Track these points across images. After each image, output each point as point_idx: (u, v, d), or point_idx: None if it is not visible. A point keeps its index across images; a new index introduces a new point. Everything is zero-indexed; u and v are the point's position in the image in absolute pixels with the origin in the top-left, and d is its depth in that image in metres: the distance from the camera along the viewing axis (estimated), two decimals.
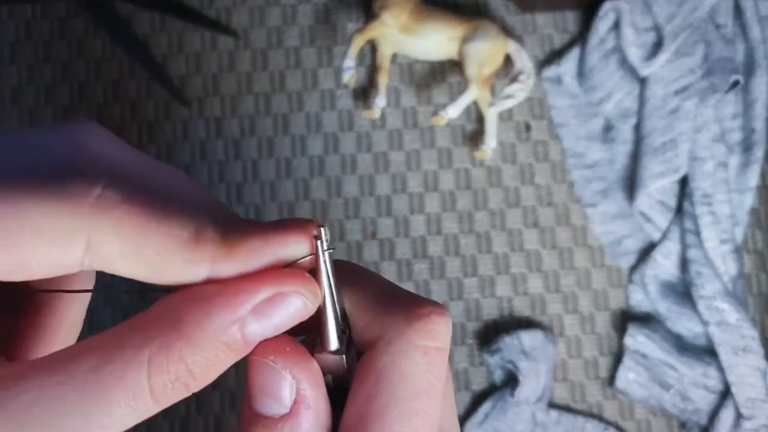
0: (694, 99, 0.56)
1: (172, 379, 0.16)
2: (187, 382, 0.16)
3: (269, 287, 0.17)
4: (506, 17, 0.59)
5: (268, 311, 0.17)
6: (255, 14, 0.59)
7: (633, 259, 0.58)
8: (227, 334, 0.16)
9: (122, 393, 0.15)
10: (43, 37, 0.58)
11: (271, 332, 0.17)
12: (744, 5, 0.58)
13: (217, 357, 0.16)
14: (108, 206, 0.16)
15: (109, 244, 0.16)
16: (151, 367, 0.16)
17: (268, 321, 0.17)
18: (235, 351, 0.17)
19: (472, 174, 0.58)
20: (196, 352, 0.16)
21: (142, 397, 0.16)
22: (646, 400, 0.55)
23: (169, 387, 0.16)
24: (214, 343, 0.16)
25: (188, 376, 0.16)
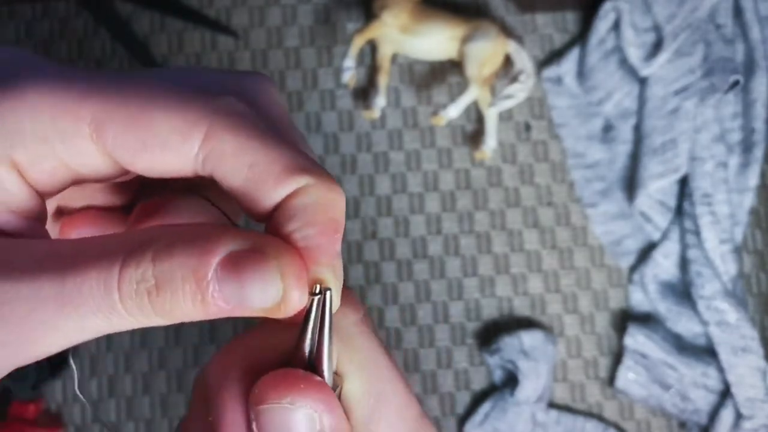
0: (694, 99, 0.56)
1: (138, 279, 0.16)
2: (150, 291, 0.16)
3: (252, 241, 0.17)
4: (506, 17, 0.59)
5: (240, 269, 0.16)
6: (255, 14, 0.59)
7: (633, 259, 0.58)
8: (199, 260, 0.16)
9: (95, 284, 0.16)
10: (43, 37, 0.58)
11: (237, 300, 0.17)
12: (744, 5, 0.58)
13: (182, 282, 0.16)
14: (233, 110, 0.18)
15: (222, 140, 0.17)
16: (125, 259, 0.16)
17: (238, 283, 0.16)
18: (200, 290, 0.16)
19: (472, 174, 0.58)
20: (165, 260, 0.16)
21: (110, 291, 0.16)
22: (645, 400, 0.55)
23: (133, 288, 0.16)
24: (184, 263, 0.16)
25: (152, 285, 0.16)
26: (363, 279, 0.57)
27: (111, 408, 0.55)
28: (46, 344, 0.17)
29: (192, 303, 0.16)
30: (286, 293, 0.17)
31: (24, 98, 0.17)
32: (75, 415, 0.54)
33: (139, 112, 0.17)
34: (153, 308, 0.16)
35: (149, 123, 0.17)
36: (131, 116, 0.17)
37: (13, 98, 0.17)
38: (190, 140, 0.17)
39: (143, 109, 0.17)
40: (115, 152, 0.18)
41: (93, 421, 0.55)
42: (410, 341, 0.56)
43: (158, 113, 0.17)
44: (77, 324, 0.16)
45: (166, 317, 0.17)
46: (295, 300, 0.17)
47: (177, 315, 0.17)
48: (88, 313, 0.16)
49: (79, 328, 0.16)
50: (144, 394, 0.55)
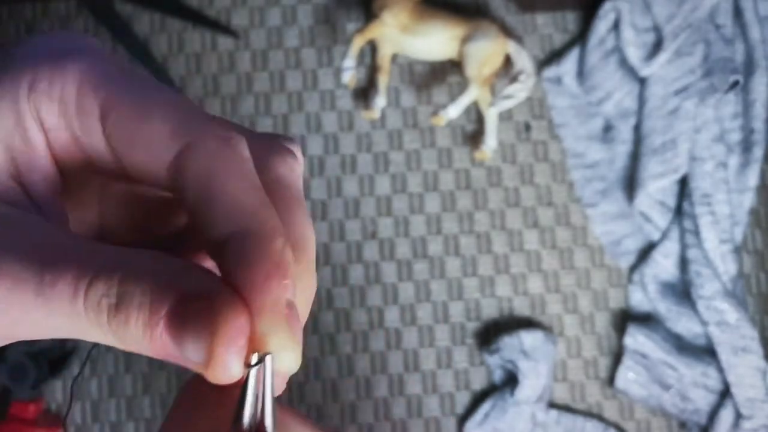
0: (694, 99, 0.56)
1: (104, 291, 0.17)
2: (109, 307, 0.17)
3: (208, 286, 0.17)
4: (506, 17, 0.59)
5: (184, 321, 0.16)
6: (255, 14, 0.59)
7: (633, 259, 0.58)
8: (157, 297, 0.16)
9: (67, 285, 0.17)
10: None
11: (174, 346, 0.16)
12: (744, 5, 0.58)
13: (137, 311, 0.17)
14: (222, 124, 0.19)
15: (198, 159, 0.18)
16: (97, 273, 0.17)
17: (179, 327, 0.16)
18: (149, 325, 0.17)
19: (472, 174, 0.58)
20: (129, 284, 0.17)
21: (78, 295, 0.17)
22: (645, 400, 0.55)
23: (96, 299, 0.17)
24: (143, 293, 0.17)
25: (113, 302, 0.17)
26: (363, 279, 0.57)
27: (111, 408, 0.55)
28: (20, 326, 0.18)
29: (142, 333, 0.17)
30: (212, 356, 0.16)
31: (65, 70, 0.18)
32: (75, 415, 0.54)
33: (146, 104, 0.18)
34: (109, 326, 0.17)
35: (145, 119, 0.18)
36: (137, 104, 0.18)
37: (57, 68, 0.18)
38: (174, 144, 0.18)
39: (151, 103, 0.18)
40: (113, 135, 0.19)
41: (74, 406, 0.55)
42: (410, 341, 0.56)
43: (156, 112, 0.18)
44: (46, 318, 0.17)
45: (120, 340, 0.17)
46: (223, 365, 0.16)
47: (129, 341, 0.17)
48: (56, 311, 0.17)
49: (48, 322, 0.17)
50: (144, 394, 0.55)
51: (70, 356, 0.55)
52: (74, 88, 0.18)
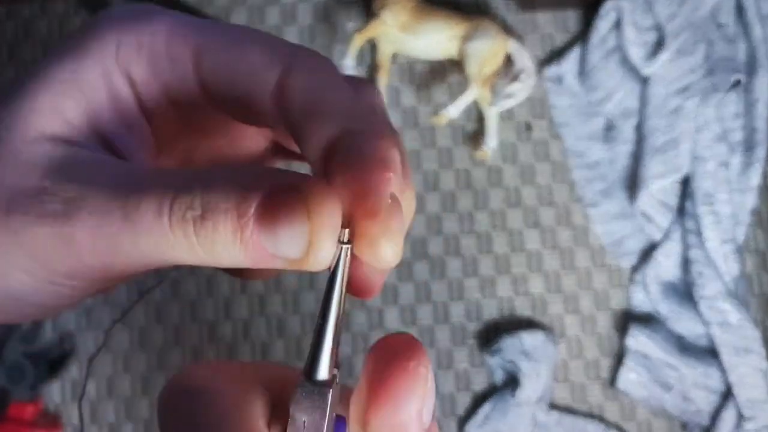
0: (696, 98, 0.56)
1: (187, 204, 0.17)
2: (195, 220, 0.17)
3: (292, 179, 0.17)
4: (507, 16, 0.59)
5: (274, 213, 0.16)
6: (254, 13, 0.59)
7: (634, 259, 0.57)
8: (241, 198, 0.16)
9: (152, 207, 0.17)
10: (41, 37, 0.58)
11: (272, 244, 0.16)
12: (746, 4, 0.58)
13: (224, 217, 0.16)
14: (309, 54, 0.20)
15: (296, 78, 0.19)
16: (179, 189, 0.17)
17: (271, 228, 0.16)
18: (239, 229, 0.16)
19: (472, 174, 0.58)
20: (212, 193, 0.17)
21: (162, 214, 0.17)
22: (647, 401, 0.55)
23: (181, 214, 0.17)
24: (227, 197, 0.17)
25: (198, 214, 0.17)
26: None
27: (110, 408, 0.54)
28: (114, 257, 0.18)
29: (232, 239, 0.17)
30: (312, 242, 0.16)
31: (150, 23, 0.19)
32: (73, 416, 0.54)
33: (237, 39, 0.20)
34: (197, 238, 0.17)
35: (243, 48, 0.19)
36: (230, 40, 0.19)
37: (143, 23, 0.19)
38: (271, 70, 0.19)
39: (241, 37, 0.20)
40: (209, 75, 0.20)
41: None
42: None
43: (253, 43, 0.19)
44: (135, 243, 0.17)
45: (209, 252, 0.17)
46: (322, 250, 0.16)
47: (219, 251, 0.17)
48: (143, 232, 0.17)
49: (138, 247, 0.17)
50: (143, 395, 0.55)
51: (69, 357, 0.55)
52: (163, 39, 0.19)
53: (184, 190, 0.17)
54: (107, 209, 0.17)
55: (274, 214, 0.16)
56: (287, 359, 0.56)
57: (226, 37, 0.20)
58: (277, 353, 0.55)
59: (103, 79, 0.19)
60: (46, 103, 0.19)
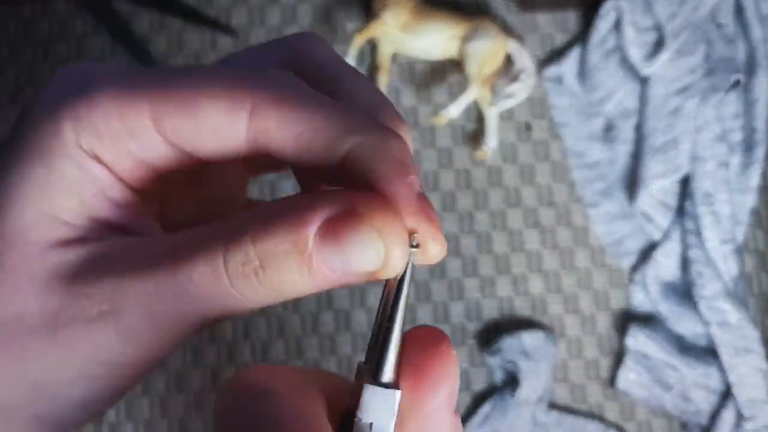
0: (695, 98, 0.56)
1: (242, 260, 0.16)
2: (256, 271, 0.16)
3: (347, 203, 0.17)
4: (507, 16, 0.59)
5: (339, 233, 0.16)
6: (255, 13, 0.59)
7: (634, 259, 0.58)
8: (296, 231, 0.16)
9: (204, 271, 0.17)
10: (42, 37, 0.58)
11: (342, 264, 0.16)
12: (745, 4, 0.58)
13: (285, 256, 0.16)
14: (275, 84, 0.18)
15: (266, 116, 0.18)
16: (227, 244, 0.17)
17: (339, 247, 0.16)
18: (304, 260, 0.16)
19: (472, 174, 0.58)
20: (264, 238, 0.16)
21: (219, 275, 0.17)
22: (647, 401, 0.55)
23: (240, 270, 0.16)
24: (282, 236, 0.16)
25: (257, 264, 0.16)
26: None
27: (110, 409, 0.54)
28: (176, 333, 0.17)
29: (299, 275, 0.17)
30: (387, 253, 0.17)
31: (97, 103, 0.18)
32: None
33: (188, 101, 0.18)
34: (262, 285, 0.17)
35: (197, 111, 0.18)
36: (181, 106, 0.18)
37: (89, 105, 0.18)
38: (237, 121, 0.18)
39: (191, 97, 0.18)
40: (177, 140, 0.19)
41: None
42: None
43: (204, 100, 0.18)
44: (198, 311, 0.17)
45: (279, 293, 0.17)
46: (398, 258, 0.17)
47: (288, 289, 0.17)
48: (204, 301, 0.17)
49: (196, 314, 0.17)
50: (143, 395, 0.55)
51: None
52: (116, 115, 0.18)
53: (234, 245, 0.17)
54: (156, 290, 0.17)
55: (339, 237, 0.16)
56: (287, 359, 0.56)
57: (177, 96, 0.18)
58: (277, 353, 0.56)
59: (79, 170, 0.18)
60: (36, 215, 0.18)
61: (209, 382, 0.55)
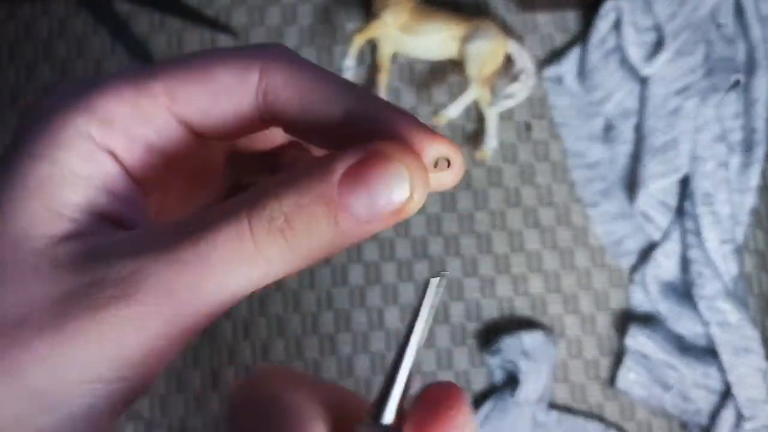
0: (695, 99, 0.56)
1: (268, 218, 0.16)
2: (283, 228, 0.16)
3: (362, 149, 0.17)
4: (507, 16, 0.59)
5: (366, 175, 0.17)
6: (254, 13, 0.59)
7: (634, 259, 0.58)
8: (321, 180, 0.17)
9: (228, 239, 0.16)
10: (42, 37, 0.58)
11: (369, 208, 0.17)
12: (745, 5, 0.58)
13: (311, 208, 0.16)
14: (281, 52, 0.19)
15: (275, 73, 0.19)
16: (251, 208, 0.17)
17: (366, 190, 0.17)
18: (332, 210, 0.17)
19: (472, 174, 0.58)
20: (289, 193, 0.17)
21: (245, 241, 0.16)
22: (646, 401, 0.55)
23: (266, 229, 0.16)
24: (307, 188, 0.17)
25: (283, 221, 0.16)
26: (363, 279, 0.57)
27: None
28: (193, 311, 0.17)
29: (326, 225, 0.17)
30: (413, 182, 0.17)
31: (110, 91, 0.18)
32: None
33: (202, 70, 0.19)
34: (289, 243, 0.17)
35: (212, 76, 0.19)
36: (196, 76, 0.19)
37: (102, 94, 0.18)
38: (248, 80, 0.19)
39: (205, 67, 0.19)
40: (189, 115, 0.19)
41: None
42: None
43: (218, 66, 0.19)
44: (220, 280, 0.17)
45: (305, 250, 0.17)
46: (423, 193, 0.17)
47: (314, 244, 0.17)
48: (229, 268, 0.17)
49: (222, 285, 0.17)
50: (143, 395, 0.55)
51: None
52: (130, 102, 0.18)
53: (259, 204, 0.17)
54: (176, 264, 0.16)
55: (365, 176, 0.17)
56: (287, 359, 0.56)
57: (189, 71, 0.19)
58: (278, 353, 0.56)
59: (87, 162, 0.18)
60: (39, 211, 0.18)
61: (209, 382, 0.55)
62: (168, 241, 0.17)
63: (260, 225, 0.16)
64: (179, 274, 0.16)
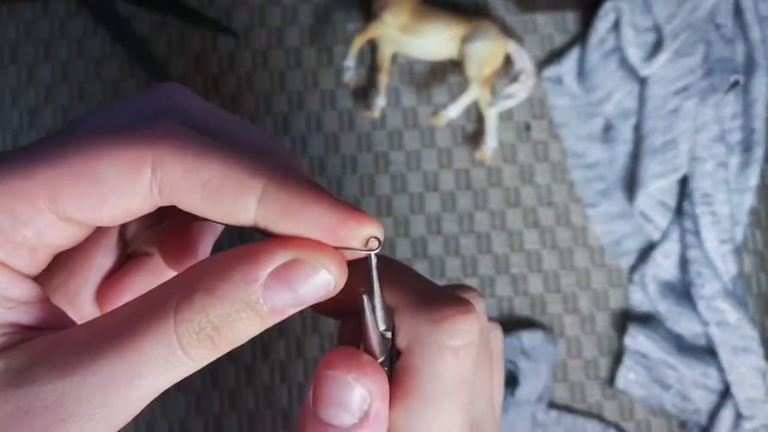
0: (694, 99, 0.56)
1: (196, 329, 0.17)
2: (212, 335, 0.17)
3: (290, 251, 0.17)
4: (506, 17, 0.59)
5: (288, 278, 0.17)
6: (255, 14, 0.59)
7: (633, 259, 0.58)
8: (246, 291, 0.17)
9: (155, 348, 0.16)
10: (43, 37, 0.58)
11: (293, 303, 0.17)
12: (744, 5, 0.58)
13: (238, 315, 0.17)
14: (173, 133, 0.18)
15: (171, 165, 0.17)
16: (176, 316, 0.17)
17: (289, 290, 0.17)
18: (257, 313, 0.17)
19: (472, 174, 0.58)
20: (216, 304, 0.17)
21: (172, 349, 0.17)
22: (646, 400, 0.55)
23: (195, 338, 0.17)
24: (233, 299, 0.17)
25: (211, 329, 0.17)
26: None
27: None
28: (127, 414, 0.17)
29: (252, 327, 0.17)
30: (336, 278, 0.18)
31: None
32: None
33: (86, 170, 0.17)
34: (218, 347, 0.17)
35: (97, 177, 0.17)
36: (79, 177, 0.17)
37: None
38: (141, 177, 0.17)
39: (89, 165, 0.17)
40: (76, 215, 0.18)
41: None
42: None
43: (102, 163, 0.17)
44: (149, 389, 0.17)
45: (231, 346, 0.18)
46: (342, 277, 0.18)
47: (240, 339, 0.18)
48: (158, 375, 0.17)
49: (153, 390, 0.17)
50: None
51: None
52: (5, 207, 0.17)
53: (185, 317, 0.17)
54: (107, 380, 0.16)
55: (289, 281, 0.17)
56: (288, 359, 0.56)
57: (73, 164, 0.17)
58: (278, 353, 0.56)
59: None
60: None
61: (209, 382, 0.55)
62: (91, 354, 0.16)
63: (189, 336, 0.17)
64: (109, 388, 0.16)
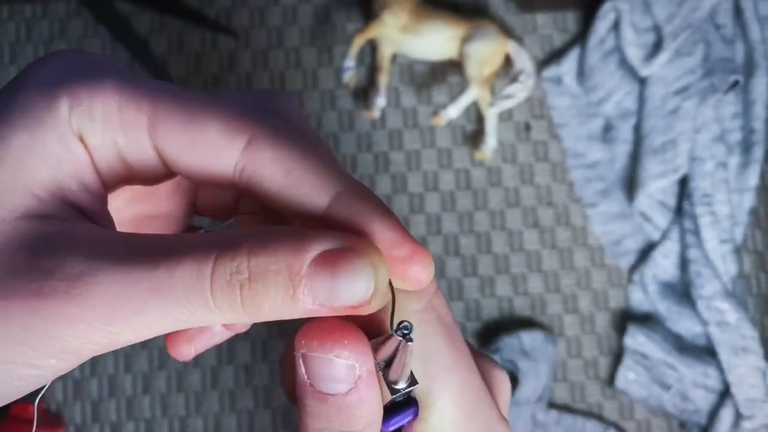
0: (694, 99, 0.56)
1: (233, 271, 0.16)
2: (242, 284, 0.17)
3: (346, 241, 0.17)
4: (506, 17, 0.60)
5: (334, 265, 0.17)
6: (255, 14, 0.59)
7: (633, 259, 0.58)
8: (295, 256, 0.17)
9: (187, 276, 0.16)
10: (43, 37, 0.58)
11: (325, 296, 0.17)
12: (744, 5, 0.58)
13: (275, 277, 0.17)
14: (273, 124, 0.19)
15: (264, 147, 0.19)
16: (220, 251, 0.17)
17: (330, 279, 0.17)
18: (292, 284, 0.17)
19: (472, 174, 0.58)
20: (261, 253, 0.17)
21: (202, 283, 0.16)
22: (645, 400, 0.55)
23: (226, 281, 0.16)
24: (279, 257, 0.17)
25: (245, 277, 0.17)
26: None
27: (111, 408, 0.55)
28: (128, 329, 0.17)
29: (282, 297, 0.17)
30: (377, 289, 0.17)
31: (101, 88, 0.18)
32: (75, 415, 0.54)
33: (194, 113, 0.19)
34: (242, 302, 0.17)
35: (201, 123, 0.19)
36: (186, 115, 0.19)
37: (92, 88, 0.18)
38: (234, 144, 0.19)
39: (199, 111, 0.19)
40: (166, 147, 0.19)
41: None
42: None
43: (211, 116, 0.19)
44: (162, 311, 0.17)
45: (253, 312, 0.17)
46: (384, 296, 0.18)
47: (264, 310, 0.17)
48: (175, 301, 0.16)
49: (162, 316, 0.17)
50: (144, 394, 0.55)
51: None
52: (115, 106, 0.18)
53: (229, 251, 0.17)
54: (129, 279, 0.16)
55: (334, 268, 0.17)
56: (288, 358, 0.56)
57: (182, 108, 0.19)
58: (278, 353, 0.56)
59: (62, 146, 0.18)
60: (9, 181, 0.18)
61: (209, 382, 0.55)
62: (125, 254, 0.17)
63: (223, 273, 0.17)
64: (126, 291, 0.16)
